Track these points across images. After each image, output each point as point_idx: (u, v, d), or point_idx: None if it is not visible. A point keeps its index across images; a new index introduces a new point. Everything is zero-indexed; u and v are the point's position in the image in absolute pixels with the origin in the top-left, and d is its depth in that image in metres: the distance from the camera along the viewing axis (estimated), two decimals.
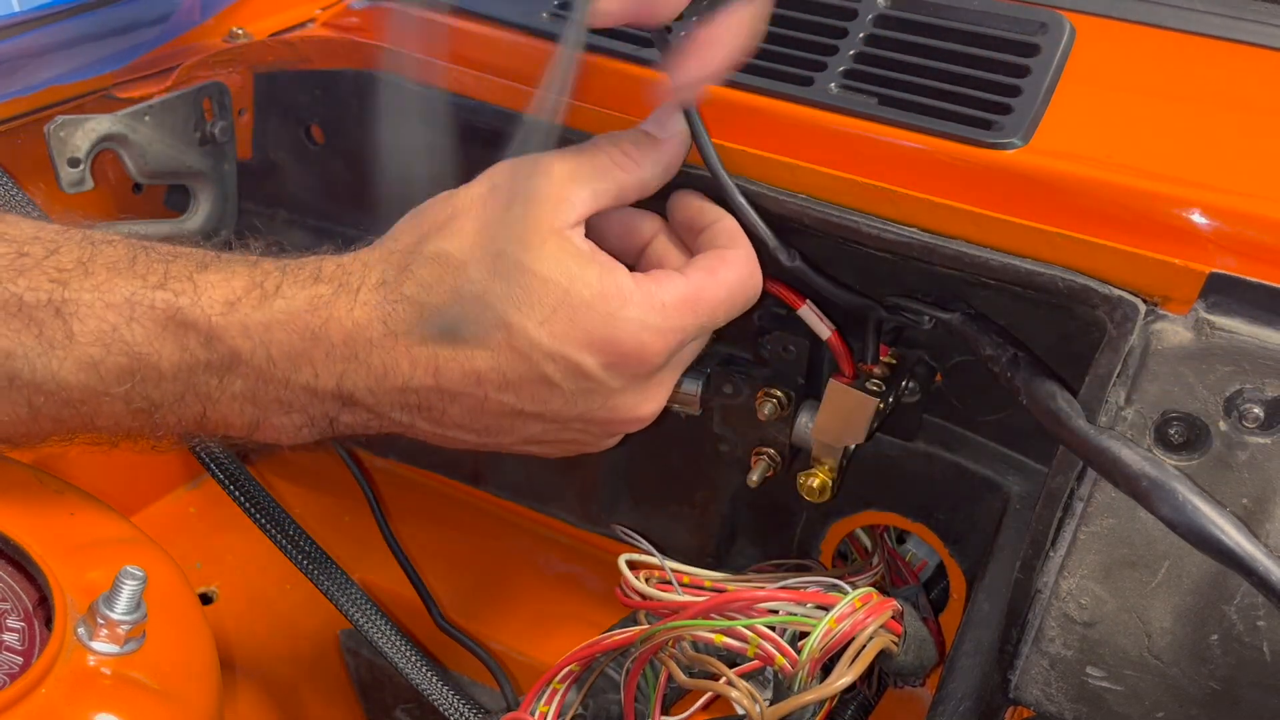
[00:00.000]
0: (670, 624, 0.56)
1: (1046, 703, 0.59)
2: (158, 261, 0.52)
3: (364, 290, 0.52)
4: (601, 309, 0.51)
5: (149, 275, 0.51)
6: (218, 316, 0.51)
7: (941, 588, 0.81)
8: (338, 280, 0.52)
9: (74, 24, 0.89)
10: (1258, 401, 0.51)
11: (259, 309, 0.51)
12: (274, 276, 0.52)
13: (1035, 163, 0.61)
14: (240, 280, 0.52)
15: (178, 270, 0.52)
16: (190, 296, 0.51)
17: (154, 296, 0.50)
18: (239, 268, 0.53)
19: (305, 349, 0.51)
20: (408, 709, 0.87)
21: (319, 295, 0.52)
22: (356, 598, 0.72)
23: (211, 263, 0.53)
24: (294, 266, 0.53)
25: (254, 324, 0.51)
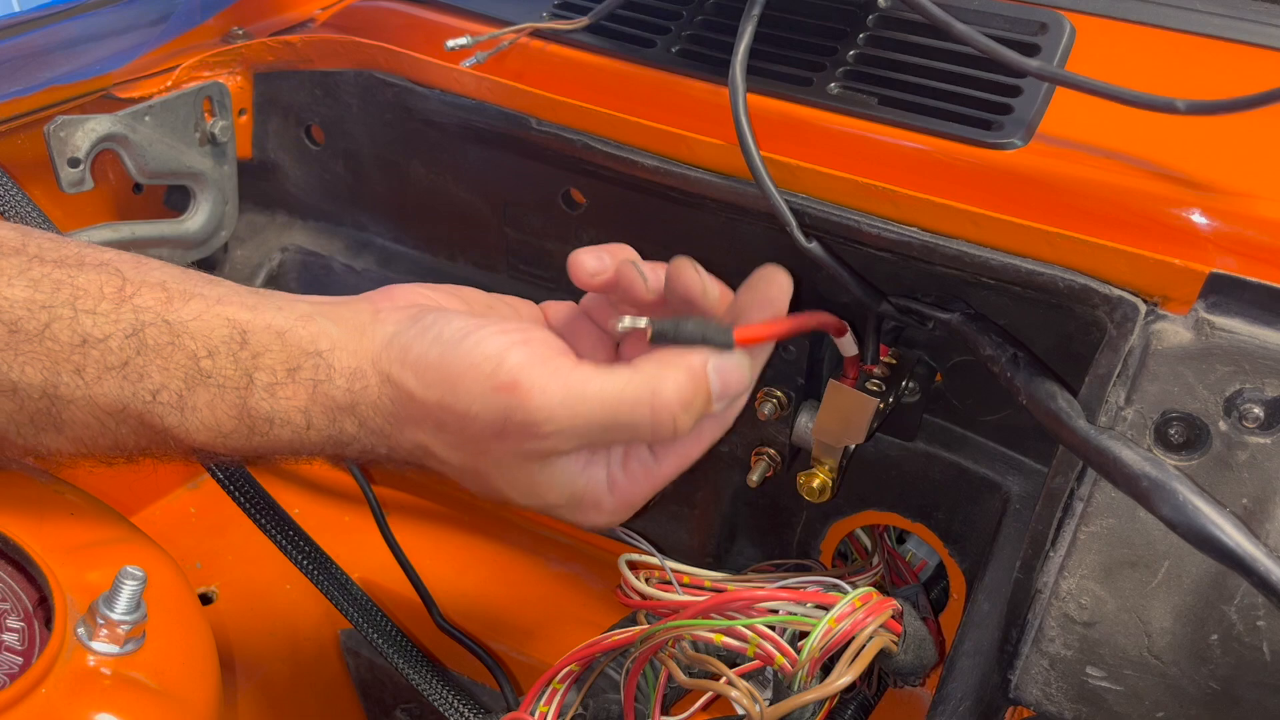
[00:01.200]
0: (670, 623, 0.56)
1: (1046, 703, 0.59)
2: (152, 369, 0.52)
3: (358, 439, 0.55)
4: (573, 496, 0.56)
5: (139, 389, 0.52)
6: (204, 442, 0.54)
7: (941, 588, 0.81)
8: (331, 436, 0.54)
9: (74, 24, 0.89)
10: (1258, 401, 0.51)
11: (246, 441, 0.54)
12: (263, 422, 0.53)
13: (1035, 163, 0.61)
14: (226, 412, 0.53)
15: (169, 385, 0.52)
16: (177, 419, 0.53)
17: (144, 410, 0.52)
18: (229, 394, 0.53)
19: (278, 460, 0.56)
20: (408, 709, 0.87)
21: (305, 440, 0.54)
22: (357, 597, 0.72)
23: (201, 379, 0.53)
24: (287, 408, 0.53)
25: (241, 452, 0.55)
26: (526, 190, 0.82)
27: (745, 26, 0.66)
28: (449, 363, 0.52)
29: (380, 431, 0.54)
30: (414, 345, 0.53)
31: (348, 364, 0.54)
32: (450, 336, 0.53)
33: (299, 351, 0.54)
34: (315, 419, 0.54)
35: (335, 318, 0.55)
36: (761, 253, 0.72)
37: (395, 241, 0.92)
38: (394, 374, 0.53)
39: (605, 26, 0.76)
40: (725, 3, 0.76)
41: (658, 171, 0.69)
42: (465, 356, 0.52)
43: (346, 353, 0.54)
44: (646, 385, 0.52)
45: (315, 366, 0.54)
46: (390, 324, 0.55)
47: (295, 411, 0.54)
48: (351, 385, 0.53)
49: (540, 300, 0.73)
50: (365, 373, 0.53)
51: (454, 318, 0.54)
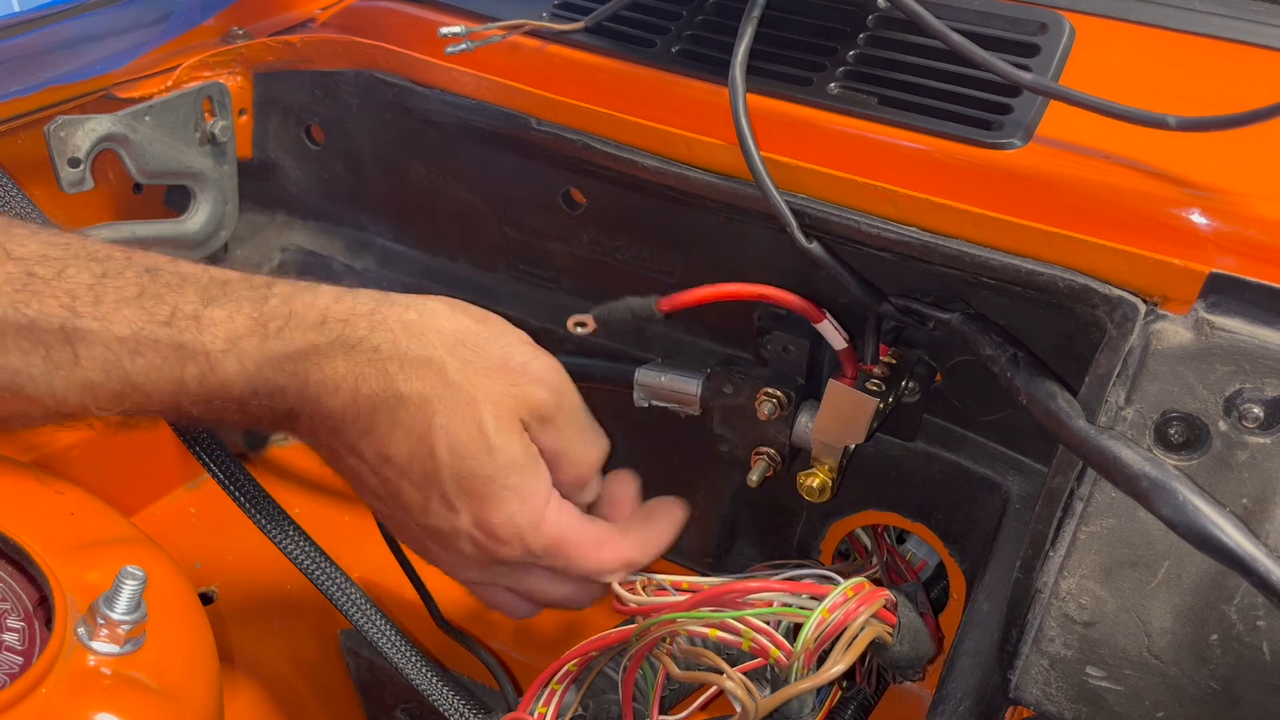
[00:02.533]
0: (665, 616, 0.56)
1: (1046, 702, 0.59)
2: (166, 292, 0.55)
3: (357, 352, 0.56)
4: (508, 500, 0.57)
5: (156, 310, 0.54)
6: (218, 353, 0.55)
7: (941, 587, 0.81)
8: (338, 334, 0.56)
9: (74, 24, 0.89)
10: (1258, 401, 0.51)
11: (259, 348, 0.55)
12: (279, 319, 0.56)
13: (1035, 163, 0.61)
14: (244, 318, 0.56)
15: (184, 305, 0.55)
16: (194, 334, 0.55)
17: (159, 333, 0.54)
18: (245, 304, 0.56)
19: (285, 384, 0.56)
20: (408, 709, 0.87)
21: (314, 344, 0.56)
22: (356, 598, 0.72)
23: (216, 296, 0.56)
24: (302, 307, 0.57)
25: (250, 360, 0.56)
26: (526, 190, 0.82)
27: (745, 27, 0.66)
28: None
29: (376, 366, 0.56)
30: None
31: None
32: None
33: (321, 286, 0.58)
34: (330, 313, 0.56)
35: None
36: (762, 253, 0.73)
37: (395, 241, 0.92)
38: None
39: (605, 27, 0.76)
40: (725, 3, 0.76)
41: (658, 171, 0.69)
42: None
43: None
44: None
45: (339, 289, 0.58)
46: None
47: (310, 309, 0.56)
48: (376, 309, 0.57)
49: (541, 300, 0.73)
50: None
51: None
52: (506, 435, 0.56)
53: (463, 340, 0.57)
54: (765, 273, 0.67)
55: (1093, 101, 0.59)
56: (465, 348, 0.57)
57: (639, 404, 0.76)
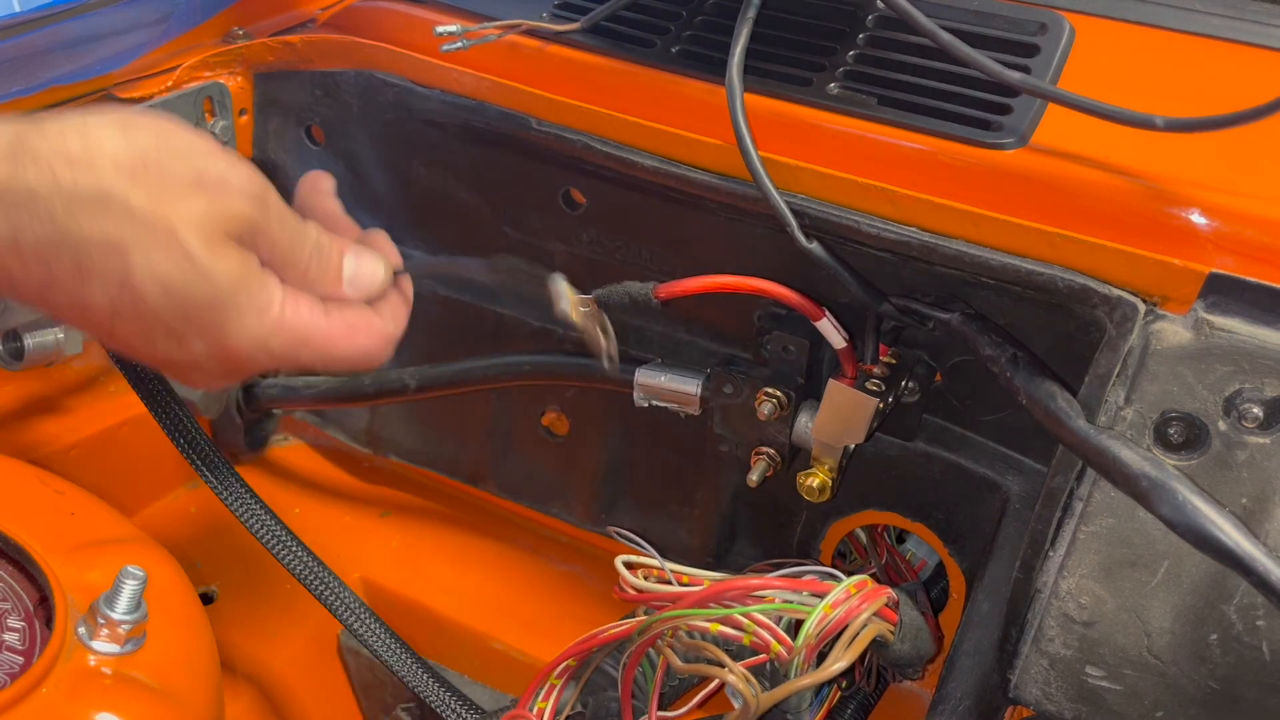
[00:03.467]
0: (667, 613, 0.56)
1: (1046, 702, 0.59)
2: None
3: (5, 194, 0.48)
4: (241, 320, 0.53)
5: None
6: None
7: (941, 587, 0.81)
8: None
9: (74, 24, 0.89)
10: (1257, 401, 0.51)
11: None
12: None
13: (1035, 163, 0.61)
14: None
15: None
16: None
17: None
18: None
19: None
20: (408, 709, 0.87)
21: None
22: (349, 601, 0.72)
23: None
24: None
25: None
26: (526, 190, 0.82)
27: (741, 29, 0.66)
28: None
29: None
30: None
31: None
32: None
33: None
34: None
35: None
36: (762, 253, 0.73)
37: (395, 241, 0.92)
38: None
39: (604, 27, 0.76)
40: (724, 3, 0.76)
41: (658, 172, 0.69)
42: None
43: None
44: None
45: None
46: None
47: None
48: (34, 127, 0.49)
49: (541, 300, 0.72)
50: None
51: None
52: (219, 256, 0.51)
53: (144, 164, 0.50)
54: (765, 273, 0.67)
55: (1080, 101, 0.59)
56: (148, 173, 0.50)
57: (639, 404, 0.76)
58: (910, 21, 0.62)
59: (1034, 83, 0.61)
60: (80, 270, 0.49)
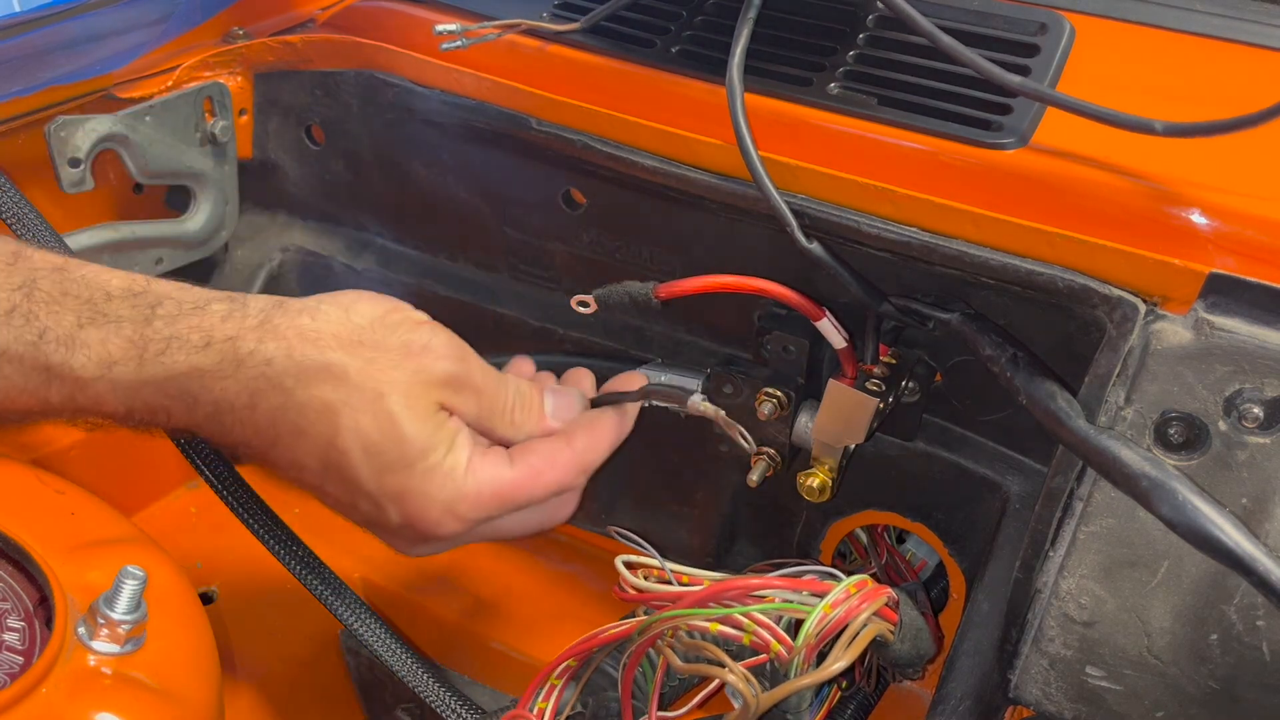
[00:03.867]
0: (667, 613, 0.56)
1: (1046, 702, 0.59)
2: (40, 310, 0.53)
3: (245, 368, 0.54)
4: (422, 474, 0.56)
5: (25, 331, 0.52)
6: (88, 377, 0.53)
7: (941, 587, 0.81)
8: (225, 353, 0.54)
9: (74, 24, 0.89)
10: (1257, 401, 0.51)
11: (134, 373, 0.53)
12: (158, 343, 0.54)
13: (1035, 163, 0.61)
14: (120, 341, 0.53)
15: (57, 327, 0.53)
16: (63, 356, 0.52)
17: (25, 352, 0.52)
18: (125, 325, 0.53)
19: (169, 405, 0.55)
20: (408, 709, 0.87)
21: (199, 366, 0.54)
22: (350, 600, 0.72)
23: (95, 317, 0.53)
24: (186, 329, 0.54)
25: (124, 384, 0.53)
26: (526, 190, 0.82)
27: (741, 29, 0.66)
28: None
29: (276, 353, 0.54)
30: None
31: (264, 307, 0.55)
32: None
33: (211, 297, 0.56)
34: (216, 334, 0.54)
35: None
36: (762, 253, 0.73)
37: (395, 241, 0.92)
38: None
39: (604, 26, 0.76)
40: (725, 3, 0.76)
41: (658, 172, 0.69)
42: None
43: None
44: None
45: (230, 301, 0.55)
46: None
47: (194, 331, 0.54)
48: (264, 322, 0.55)
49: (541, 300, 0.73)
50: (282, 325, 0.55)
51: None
52: (417, 420, 0.55)
53: (359, 340, 0.56)
54: (766, 273, 0.67)
55: (1078, 105, 0.59)
56: (364, 347, 0.56)
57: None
58: (910, 23, 0.62)
59: (1033, 86, 0.61)
60: (298, 432, 0.54)
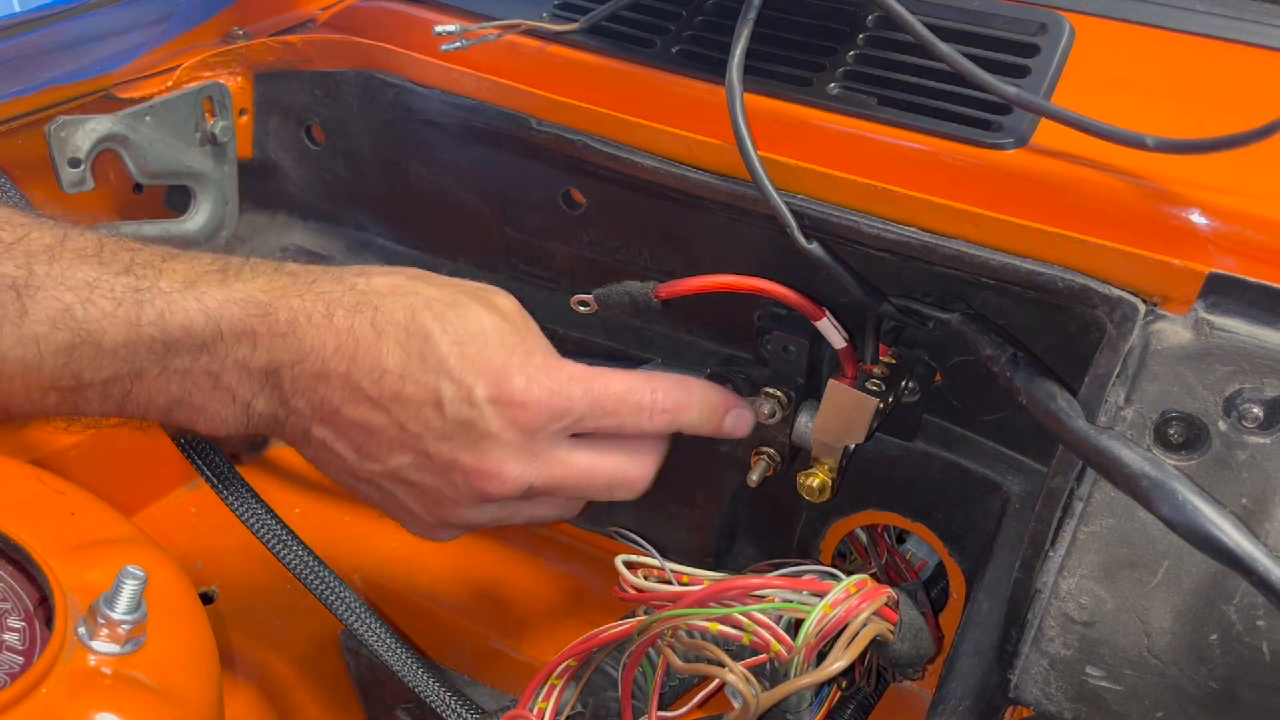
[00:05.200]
0: (667, 613, 0.56)
1: (1046, 702, 0.59)
2: (125, 250, 0.54)
3: (320, 283, 0.55)
4: (508, 353, 0.56)
5: (113, 262, 0.53)
6: (176, 293, 0.53)
7: (941, 587, 0.81)
8: (298, 274, 0.56)
9: (74, 24, 0.89)
10: (1257, 401, 0.51)
11: (218, 287, 0.54)
12: (237, 264, 0.56)
13: (1035, 163, 0.61)
14: (203, 264, 0.55)
15: (144, 258, 0.54)
16: (151, 279, 0.53)
17: (115, 281, 0.52)
18: (205, 257, 0.56)
19: (252, 325, 0.54)
20: (408, 708, 0.87)
21: (276, 280, 0.55)
22: (349, 600, 0.72)
23: (179, 254, 0.56)
24: (258, 260, 0.57)
25: (210, 299, 0.54)
26: (526, 190, 0.82)
27: (741, 29, 0.66)
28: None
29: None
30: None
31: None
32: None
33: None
34: (287, 265, 0.57)
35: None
36: (762, 253, 0.73)
37: (395, 241, 0.92)
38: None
39: (603, 27, 0.76)
40: (725, 3, 0.76)
41: (658, 172, 0.69)
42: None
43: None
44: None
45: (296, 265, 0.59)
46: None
47: (267, 261, 0.57)
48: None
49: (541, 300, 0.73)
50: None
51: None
52: (496, 319, 0.56)
53: (426, 278, 0.59)
54: (766, 273, 0.67)
55: (1072, 118, 0.59)
56: (432, 283, 0.58)
57: None
58: (910, 31, 0.62)
59: (1028, 98, 0.61)
60: (378, 331, 0.55)
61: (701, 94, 0.69)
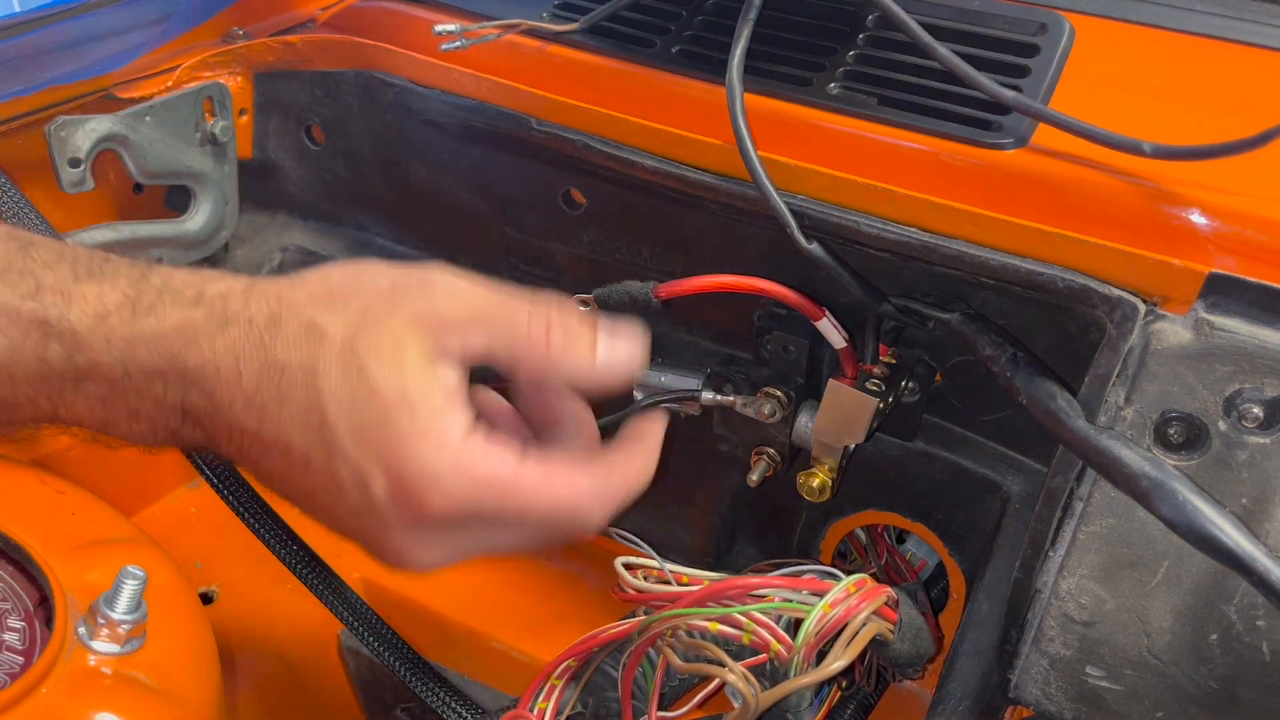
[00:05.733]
0: (667, 613, 0.56)
1: (1046, 702, 0.59)
2: (36, 267, 0.52)
3: (233, 326, 0.52)
4: (412, 445, 0.50)
5: (21, 285, 0.51)
6: (84, 330, 0.51)
7: (941, 587, 0.81)
8: (214, 309, 0.52)
9: (74, 24, 0.89)
10: (1257, 401, 0.51)
11: (128, 324, 0.52)
12: (151, 294, 0.52)
13: (1035, 163, 0.61)
14: (115, 295, 0.52)
15: (52, 281, 0.52)
16: (60, 309, 0.51)
17: (21, 306, 0.51)
18: (121, 280, 0.53)
19: (162, 367, 0.52)
20: (408, 708, 0.87)
21: (190, 320, 0.52)
22: (350, 600, 0.72)
23: (93, 273, 0.53)
24: (179, 284, 0.53)
25: (118, 338, 0.52)
26: (526, 190, 0.82)
27: (741, 30, 0.66)
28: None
29: (266, 317, 0.51)
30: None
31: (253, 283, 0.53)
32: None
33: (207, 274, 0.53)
34: (207, 290, 0.52)
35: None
36: (762, 253, 0.73)
37: (395, 241, 0.92)
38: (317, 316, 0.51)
39: (603, 27, 0.76)
40: (725, 3, 0.76)
41: (658, 172, 0.69)
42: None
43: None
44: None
45: (219, 274, 0.53)
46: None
47: (187, 286, 0.52)
48: (252, 284, 0.52)
49: None
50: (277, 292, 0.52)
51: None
52: (391, 371, 0.49)
53: (333, 294, 0.51)
54: (766, 273, 0.67)
55: (1069, 123, 0.59)
56: (337, 300, 0.51)
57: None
58: (908, 34, 0.62)
59: (1026, 102, 0.61)
60: (282, 397, 0.50)
61: (701, 94, 0.69)
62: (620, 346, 0.54)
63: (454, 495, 0.50)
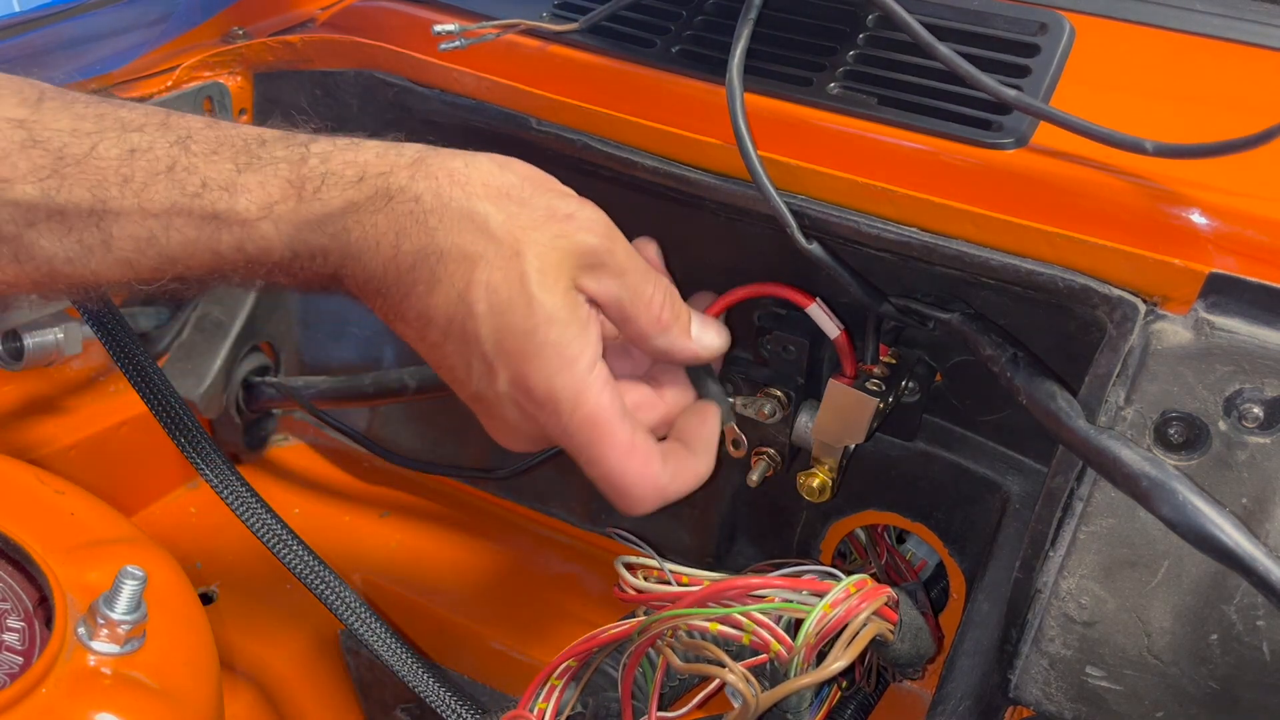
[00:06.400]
0: (667, 613, 0.56)
1: (1046, 702, 0.59)
2: (198, 163, 0.54)
3: (396, 203, 0.54)
4: (545, 359, 0.54)
5: (188, 182, 0.53)
6: (253, 220, 0.54)
7: (941, 587, 0.81)
8: (377, 187, 0.55)
9: (74, 24, 0.89)
10: (1257, 401, 0.51)
11: (294, 211, 0.54)
12: (315, 180, 0.55)
13: (1035, 162, 0.61)
14: (278, 182, 0.55)
15: (217, 175, 0.54)
16: (227, 203, 0.54)
17: (192, 205, 0.53)
18: (282, 166, 0.55)
19: (326, 245, 0.55)
20: (408, 708, 0.87)
21: (353, 201, 0.54)
22: (349, 600, 0.72)
23: (252, 162, 0.55)
24: (339, 165, 0.55)
25: (286, 224, 0.54)
26: None
27: (742, 29, 0.66)
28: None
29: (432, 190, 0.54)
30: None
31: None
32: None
33: (365, 140, 0.56)
34: (369, 170, 0.55)
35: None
36: (762, 253, 0.73)
37: None
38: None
39: (603, 26, 0.76)
40: (725, 3, 0.76)
41: (658, 172, 0.69)
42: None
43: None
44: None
45: (383, 143, 0.56)
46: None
47: (348, 166, 0.55)
48: (420, 160, 0.55)
49: None
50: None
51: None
52: (549, 288, 0.53)
53: (508, 193, 0.55)
54: (766, 273, 0.67)
55: (1071, 121, 0.59)
56: (510, 200, 0.55)
57: None
58: (909, 33, 0.62)
59: (1028, 101, 0.61)
60: (434, 279, 0.54)
61: (701, 94, 0.69)
62: (710, 332, 0.61)
63: (566, 416, 0.55)
